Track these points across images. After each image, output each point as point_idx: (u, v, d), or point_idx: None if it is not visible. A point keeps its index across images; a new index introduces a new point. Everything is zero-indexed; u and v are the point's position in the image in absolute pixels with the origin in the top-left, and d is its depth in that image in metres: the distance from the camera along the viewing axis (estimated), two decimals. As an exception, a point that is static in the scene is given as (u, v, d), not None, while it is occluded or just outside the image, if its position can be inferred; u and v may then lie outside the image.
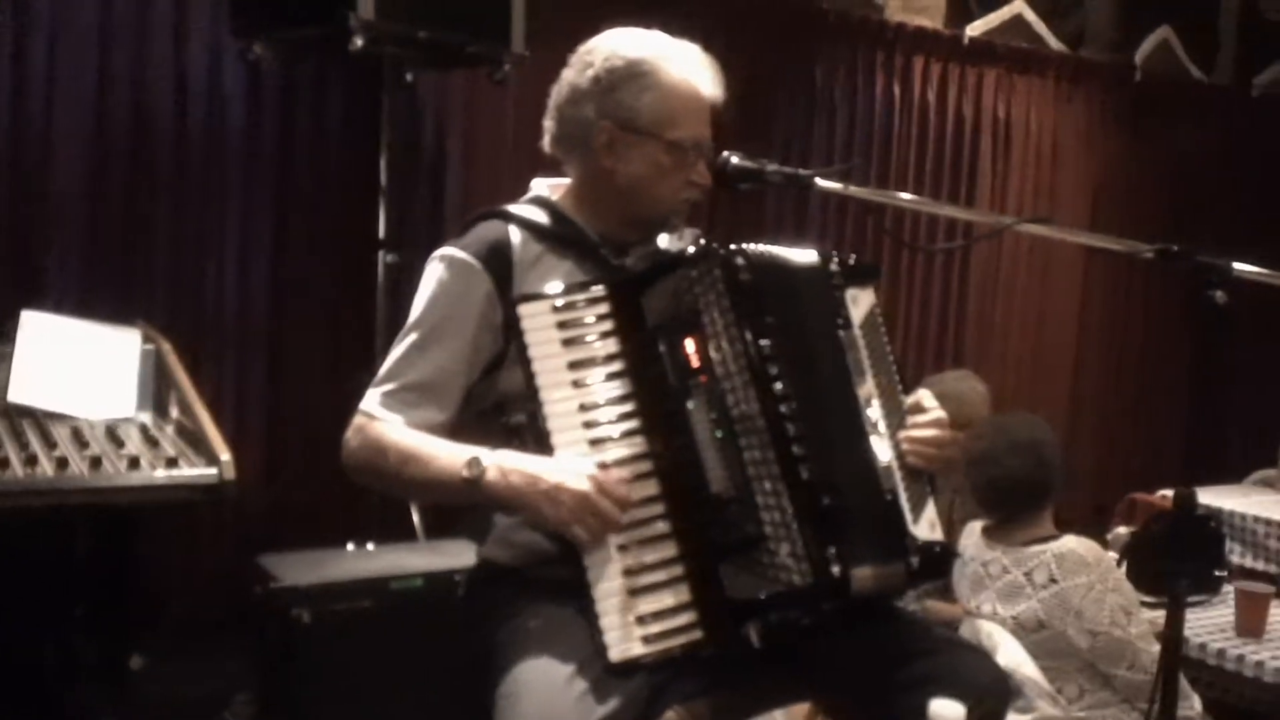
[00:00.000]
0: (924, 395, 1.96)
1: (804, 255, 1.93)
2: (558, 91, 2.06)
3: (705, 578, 1.79)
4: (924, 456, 1.88)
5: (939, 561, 1.86)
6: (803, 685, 2.02)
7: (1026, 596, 2.83)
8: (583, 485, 1.74)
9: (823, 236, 5.06)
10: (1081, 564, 2.79)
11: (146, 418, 2.83)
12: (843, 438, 1.84)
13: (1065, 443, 5.71)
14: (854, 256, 1.96)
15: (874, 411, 1.87)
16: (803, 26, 5.05)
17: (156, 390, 2.92)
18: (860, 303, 1.92)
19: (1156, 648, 2.68)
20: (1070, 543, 2.84)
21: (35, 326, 2.89)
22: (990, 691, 1.84)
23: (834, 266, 1.91)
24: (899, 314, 5.45)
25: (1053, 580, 2.80)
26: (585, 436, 1.81)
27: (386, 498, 3.39)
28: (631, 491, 1.78)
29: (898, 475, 1.86)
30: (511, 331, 1.86)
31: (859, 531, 1.78)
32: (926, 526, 1.86)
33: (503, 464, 1.80)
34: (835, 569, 1.73)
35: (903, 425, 1.91)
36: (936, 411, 1.93)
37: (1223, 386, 6.45)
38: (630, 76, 1.98)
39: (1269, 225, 6.34)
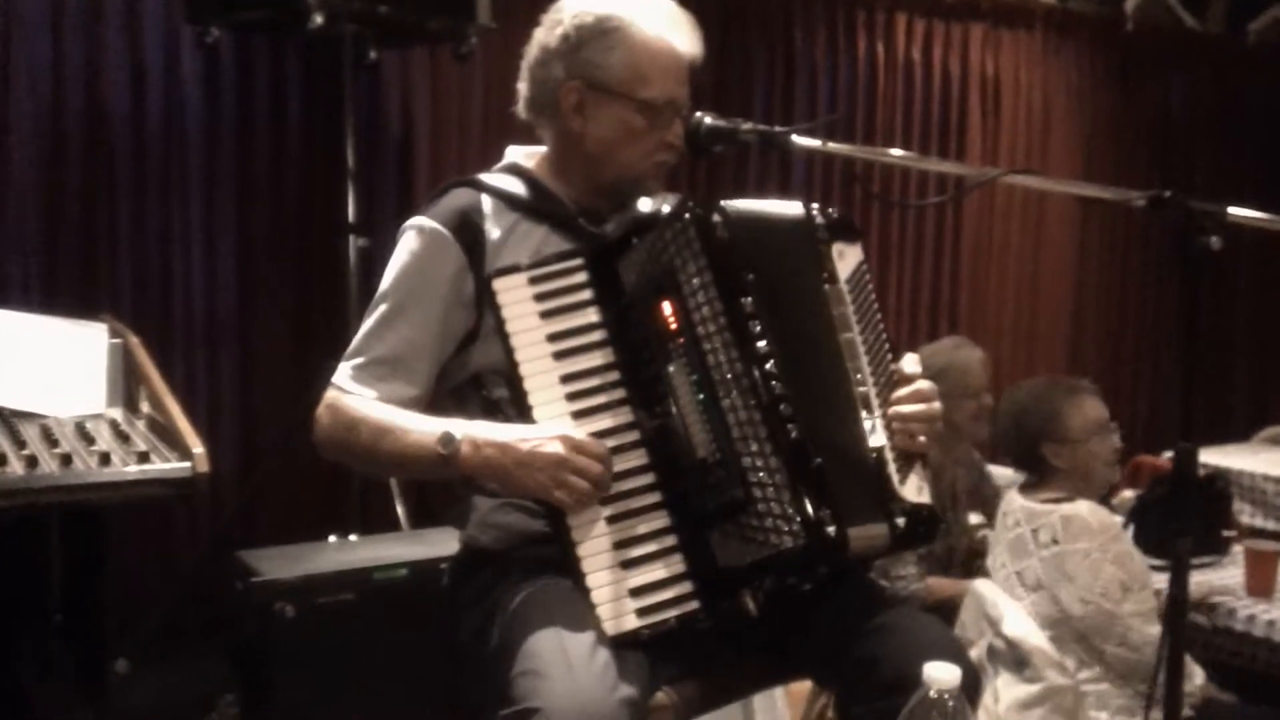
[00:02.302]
0: (909, 361, 1.90)
1: (787, 208, 1.88)
2: (528, 52, 2.01)
3: (696, 547, 1.75)
4: (911, 434, 1.83)
5: (926, 525, 1.81)
6: (789, 665, 1.97)
7: (1029, 554, 2.82)
8: (556, 448, 1.71)
9: (808, 198, 4.98)
10: (1085, 529, 2.75)
11: (117, 413, 2.76)
12: (829, 394, 1.79)
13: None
14: (837, 211, 1.91)
15: (861, 369, 1.82)
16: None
17: (126, 385, 2.86)
18: (847, 258, 1.87)
19: (1155, 629, 2.63)
20: (1081, 508, 2.80)
21: (-1, 325, 2.83)
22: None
23: (819, 219, 1.87)
24: (890, 279, 5.37)
25: (1054, 541, 2.78)
26: (568, 409, 1.78)
27: (367, 486, 3.34)
28: (618, 462, 1.75)
29: (884, 435, 1.81)
30: (487, 305, 1.83)
31: (846, 491, 1.73)
32: (914, 489, 1.81)
33: (475, 437, 1.77)
34: (830, 530, 1.68)
35: (890, 386, 1.85)
36: (922, 382, 1.87)
37: (1226, 344, 6.40)
38: (599, 33, 1.92)
39: (1264, 176, 6.27)
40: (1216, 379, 6.30)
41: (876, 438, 1.80)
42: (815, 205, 1.89)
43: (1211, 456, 4.53)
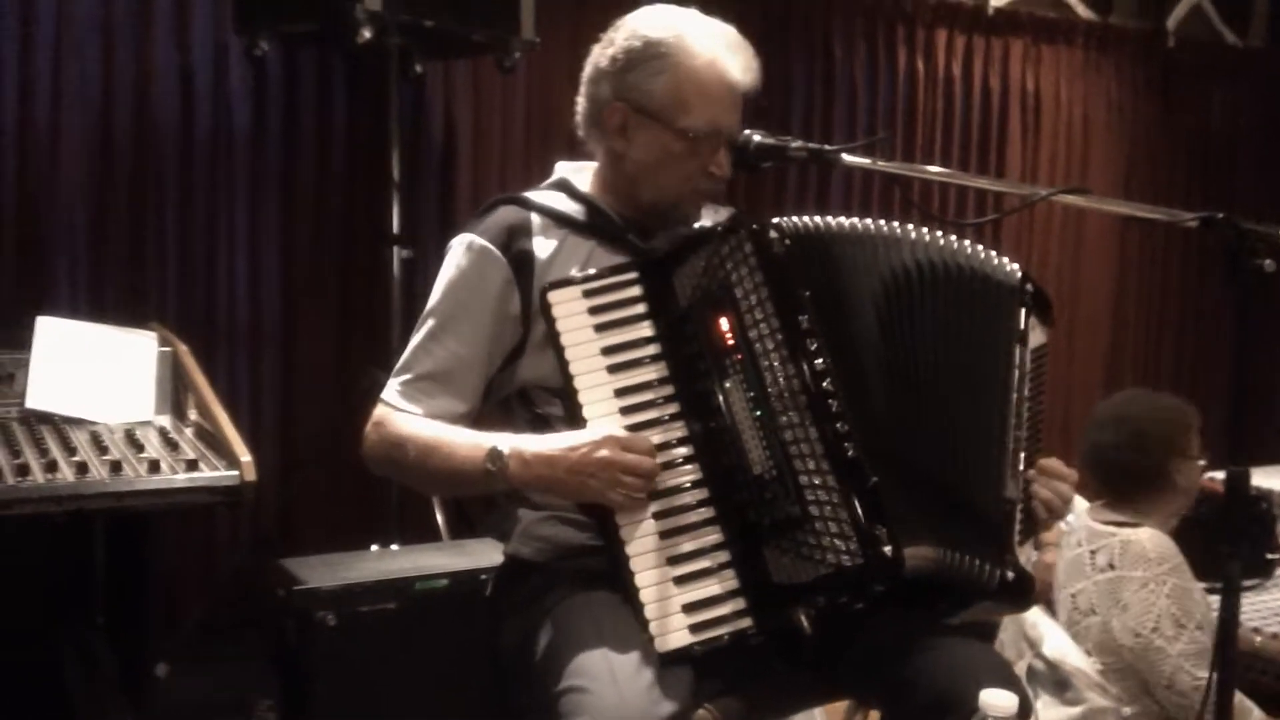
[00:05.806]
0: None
1: (999, 262, 1.85)
2: (585, 69, 2.01)
3: (750, 563, 1.73)
4: (1045, 503, 1.81)
5: (1026, 592, 1.74)
6: (832, 684, 1.96)
7: (1085, 576, 2.73)
8: (604, 452, 1.71)
9: (847, 213, 4.96)
10: (1142, 558, 2.64)
11: (165, 421, 2.80)
12: (971, 429, 1.76)
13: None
14: (1044, 293, 1.89)
15: (1021, 425, 1.77)
16: (819, 2, 4.93)
17: (174, 393, 2.89)
18: (1036, 334, 1.84)
19: (1205, 673, 2.53)
20: (1142, 534, 2.69)
21: (51, 332, 2.86)
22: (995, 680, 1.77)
23: (1030, 286, 1.84)
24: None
25: (1111, 566, 2.68)
26: (622, 423, 1.77)
27: (406, 496, 3.34)
28: (671, 476, 1.74)
29: (1019, 492, 1.76)
30: (539, 317, 1.84)
31: (963, 523, 1.72)
32: (1024, 558, 1.78)
33: (522, 452, 1.77)
34: (886, 549, 1.68)
35: (1034, 457, 1.82)
36: (1070, 472, 1.86)
37: (1269, 361, 6.31)
38: (647, 58, 1.92)
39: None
40: (1258, 398, 6.23)
41: (1012, 491, 1.75)
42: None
43: (1255, 477, 4.46)
